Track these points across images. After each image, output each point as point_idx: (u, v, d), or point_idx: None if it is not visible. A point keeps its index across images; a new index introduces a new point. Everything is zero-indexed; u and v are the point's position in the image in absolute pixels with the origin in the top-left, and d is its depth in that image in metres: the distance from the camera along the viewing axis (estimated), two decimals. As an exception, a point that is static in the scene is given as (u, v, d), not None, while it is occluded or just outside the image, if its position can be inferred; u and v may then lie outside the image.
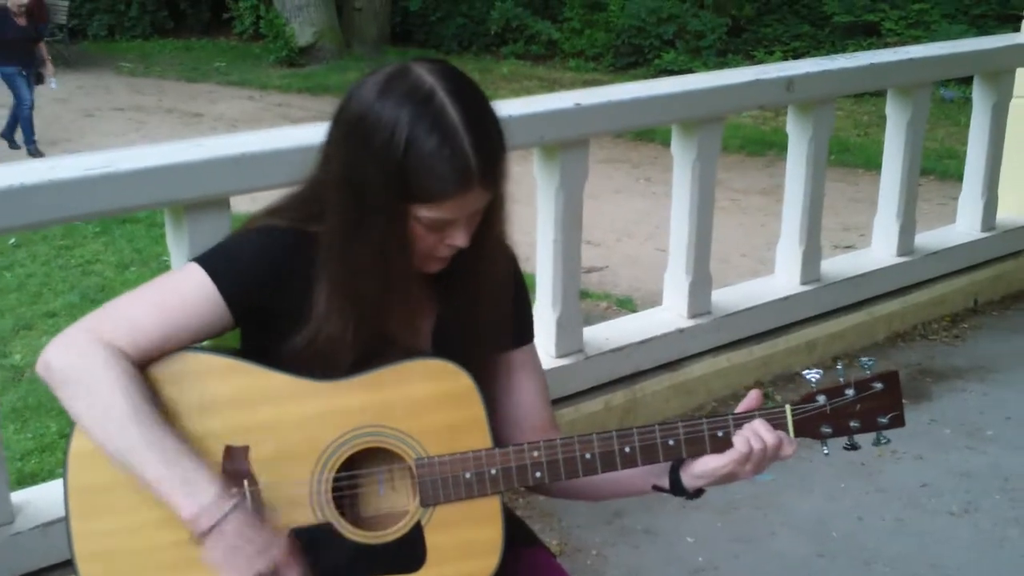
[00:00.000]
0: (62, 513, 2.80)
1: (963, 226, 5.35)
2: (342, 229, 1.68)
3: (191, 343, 1.75)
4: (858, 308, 4.79)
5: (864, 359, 1.85)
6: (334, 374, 1.74)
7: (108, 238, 7.57)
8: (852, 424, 1.82)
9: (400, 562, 1.76)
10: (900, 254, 4.94)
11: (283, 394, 1.73)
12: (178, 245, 2.99)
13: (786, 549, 3.41)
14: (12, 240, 7.35)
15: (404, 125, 1.60)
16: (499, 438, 1.81)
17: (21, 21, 10.85)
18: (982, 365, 4.67)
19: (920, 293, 5.02)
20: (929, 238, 5.20)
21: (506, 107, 1.68)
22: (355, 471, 1.78)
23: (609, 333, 4.09)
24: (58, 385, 1.69)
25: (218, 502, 1.63)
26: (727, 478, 1.82)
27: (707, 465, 1.81)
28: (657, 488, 1.87)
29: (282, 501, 1.73)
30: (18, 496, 2.89)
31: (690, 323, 4.19)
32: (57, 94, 13.15)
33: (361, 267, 1.69)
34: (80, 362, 1.68)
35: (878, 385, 1.81)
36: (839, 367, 1.84)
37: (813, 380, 1.82)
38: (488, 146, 1.65)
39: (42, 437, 4.68)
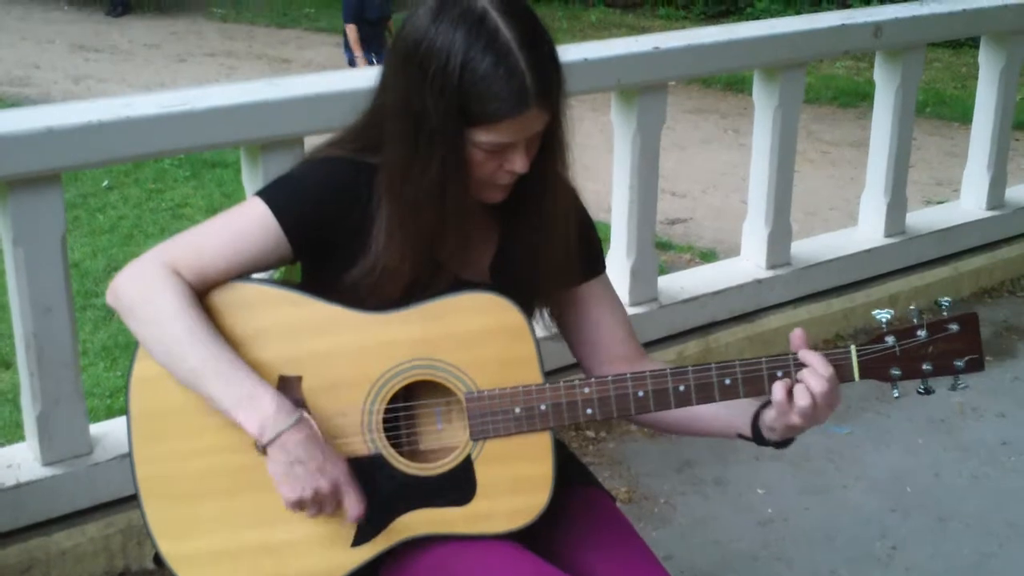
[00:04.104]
0: (138, 444, 2.85)
1: (1058, 180, 5.18)
2: (401, 157, 1.70)
3: (253, 272, 1.78)
4: (944, 262, 4.67)
5: (942, 299, 1.75)
6: (386, 305, 1.75)
7: (198, 182, 7.68)
8: (924, 367, 1.73)
9: (450, 495, 1.77)
10: (990, 207, 4.80)
11: (336, 325, 1.75)
12: (253, 184, 3.01)
13: (858, 503, 3.37)
14: (105, 183, 7.49)
15: (459, 49, 1.61)
16: (585, 371, 1.81)
17: None
18: (1072, 323, 4.55)
19: (1010, 248, 4.88)
20: (1020, 192, 5.03)
21: (583, 50, 1.66)
22: (407, 403, 1.80)
23: (684, 282, 4.05)
24: (125, 312, 1.74)
25: (280, 414, 1.66)
26: (791, 429, 1.76)
27: (769, 415, 1.77)
28: (741, 436, 1.84)
29: (334, 431, 1.75)
30: (97, 428, 2.97)
31: (768, 274, 4.13)
32: (150, 39, 13.36)
33: (419, 196, 1.70)
34: (143, 287, 1.72)
35: (953, 327, 1.71)
36: (912, 307, 1.76)
37: (883, 320, 1.74)
38: (543, 65, 1.65)
39: (130, 375, 4.79)
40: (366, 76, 3.16)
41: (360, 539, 1.77)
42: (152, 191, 7.48)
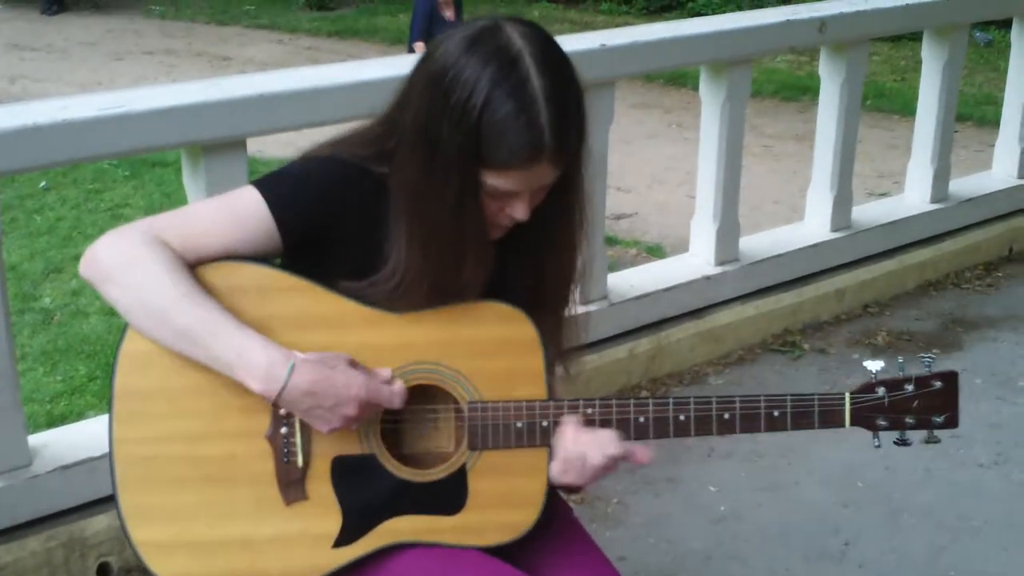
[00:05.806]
0: (81, 456, 2.81)
1: (999, 172, 5.23)
2: (416, 178, 1.65)
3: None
4: (889, 256, 4.71)
5: (925, 356, 1.83)
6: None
7: (138, 182, 7.55)
8: (907, 420, 1.81)
9: (440, 503, 1.75)
10: (934, 200, 4.85)
11: (346, 320, 1.71)
12: (195, 187, 2.95)
13: (810, 498, 3.37)
14: (43, 184, 7.34)
15: (484, 85, 1.56)
16: None
17: (448, 14, 8.78)
18: (1015, 314, 4.59)
19: (954, 241, 4.93)
20: (964, 184, 5.10)
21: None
22: (408, 406, 1.75)
23: (634, 280, 4.04)
24: (102, 278, 1.66)
25: (273, 368, 1.61)
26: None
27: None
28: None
29: None
30: (36, 439, 2.89)
31: (717, 270, 4.13)
32: (87, 37, 13.13)
33: (437, 221, 1.65)
34: (125, 251, 1.65)
35: (938, 383, 1.79)
36: (900, 360, 1.82)
37: (874, 371, 1.80)
38: (565, 123, 1.61)
39: (71, 380, 4.69)
40: (310, 76, 3.12)
41: (343, 540, 1.73)
42: (91, 192, 7.34)
